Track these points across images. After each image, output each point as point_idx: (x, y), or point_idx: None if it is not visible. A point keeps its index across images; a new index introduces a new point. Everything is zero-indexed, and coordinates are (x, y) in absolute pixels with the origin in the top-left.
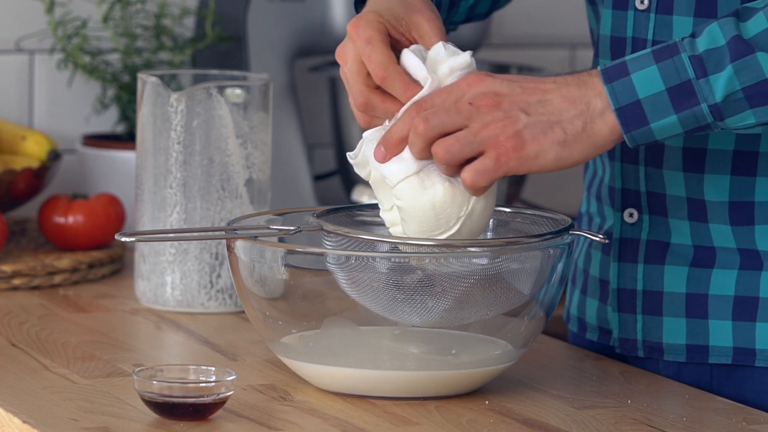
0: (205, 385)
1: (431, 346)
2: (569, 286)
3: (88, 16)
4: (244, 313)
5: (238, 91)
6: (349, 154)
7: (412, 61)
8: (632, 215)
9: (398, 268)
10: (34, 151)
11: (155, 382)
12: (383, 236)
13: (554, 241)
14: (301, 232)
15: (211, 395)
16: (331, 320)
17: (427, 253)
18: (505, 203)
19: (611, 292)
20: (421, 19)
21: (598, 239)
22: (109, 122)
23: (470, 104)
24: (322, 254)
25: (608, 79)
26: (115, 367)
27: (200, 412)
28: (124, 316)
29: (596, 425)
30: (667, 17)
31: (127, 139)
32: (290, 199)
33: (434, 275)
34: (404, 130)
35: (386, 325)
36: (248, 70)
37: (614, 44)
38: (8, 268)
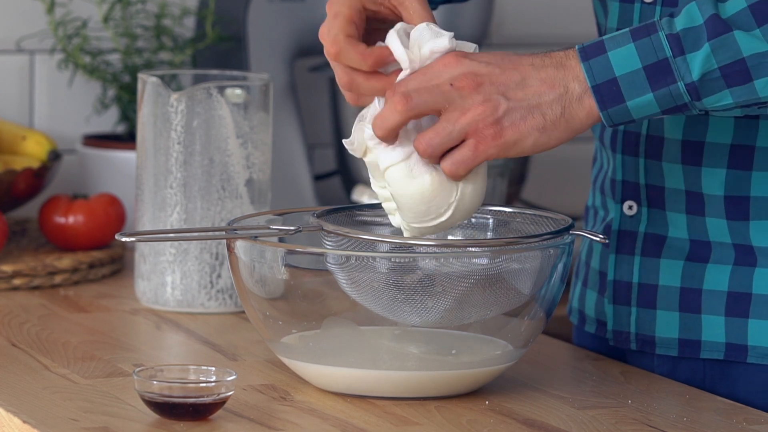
0: (205, 385)
1: (431, 346)
2: (573, 278)
3: (88, 16)
4: (244, 313)
5: (238, 91)
6: (345, 141)
7: (393, 43)
8: (631, 207)
9: (398, 268)
10: (34, 151)
11: (155, 382)
12: (383, 236)
13: (554, 241)
14: (301, 232)
15: (211, 395)
16: (331, 320)
17: (427, 253)
18: (505, 203)
19: (608, 284)
20: None
21: (598, 239)
22: (109, 122)
23: (451, 85)
24: (322, 254)
25: (585, 56)
26: (115, 367)
27: (200, 412)
28: (124, 316)
29: (596, 425)
30: (672, 10)
31: (127, 139)
32: (290, 199)
33: (434, 275)
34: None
35: (386, 325)
36: (248, 70)
37: None
38: (9, 268)
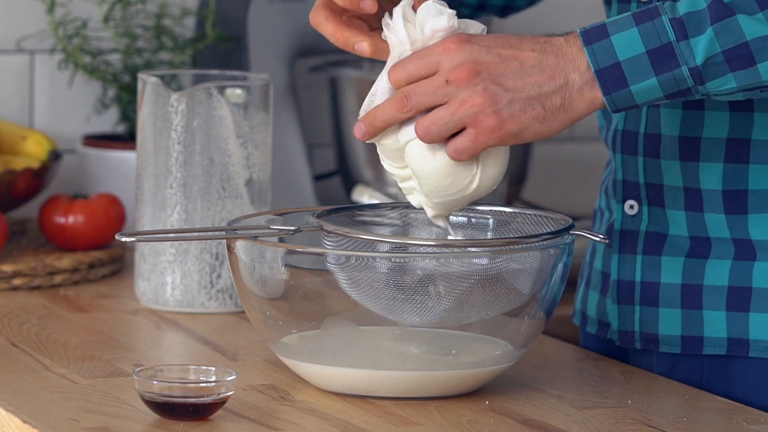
0: (205, 385)
1: (431, 346)
2: (578, 279)
3: (88, 16)
4: (244, 313)
5: (238, 91)
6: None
7: (396, 21)
8: (632, 207)
9: (398, 268)
10: (34, 151)
11: (155, 382)
12: (383, 236)
13: (554, 241)
14: (301, 232)
15: (211, 395)
16: (331, 320)
17: (427, 253)
18: (505, 203)
19: (611, 284)
20: None
21: (598, 239)
22: (109, 122)
23: (447, 82)
24: (322, 254)
25: (588, 41)
26: (115, 367)
27: (200, 412)
28: (124, 316)
29: (596, 425)
30: None
31: (127, 139)
32: (290, 199)
33: (434, 275)
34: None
35: (386, 325)
36: (248, 70)
37: None
38: (9, 268)
